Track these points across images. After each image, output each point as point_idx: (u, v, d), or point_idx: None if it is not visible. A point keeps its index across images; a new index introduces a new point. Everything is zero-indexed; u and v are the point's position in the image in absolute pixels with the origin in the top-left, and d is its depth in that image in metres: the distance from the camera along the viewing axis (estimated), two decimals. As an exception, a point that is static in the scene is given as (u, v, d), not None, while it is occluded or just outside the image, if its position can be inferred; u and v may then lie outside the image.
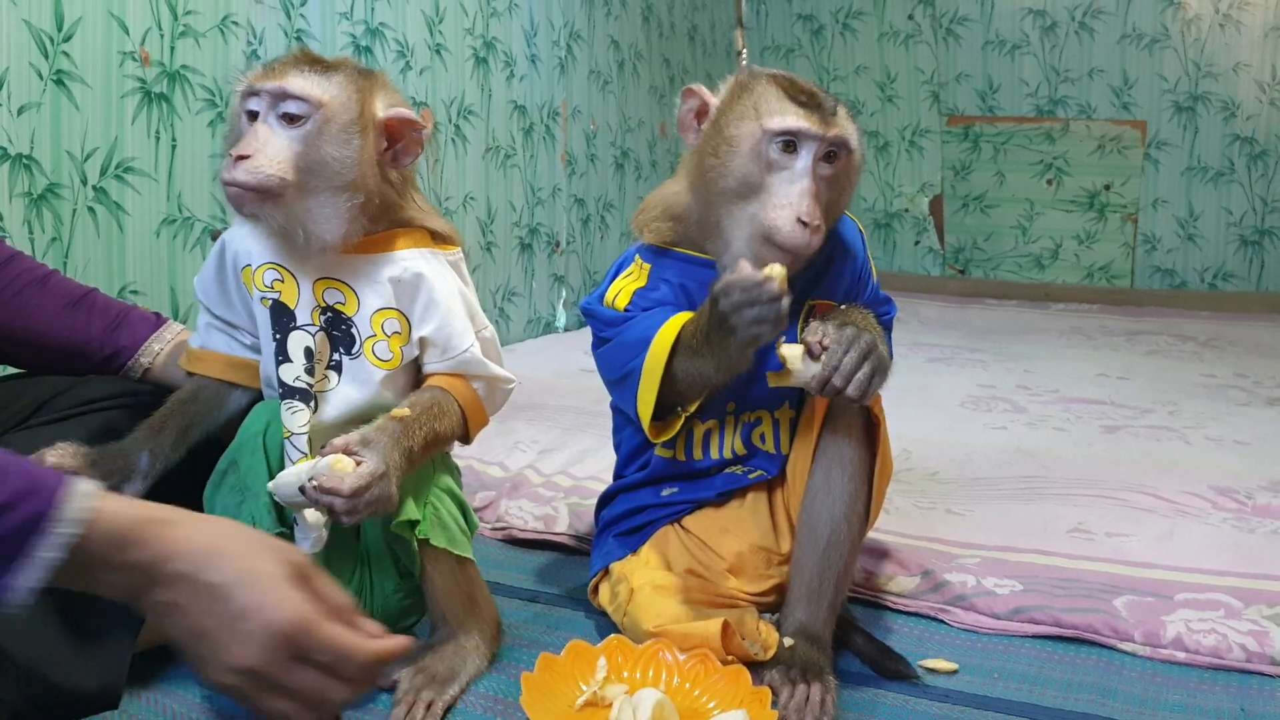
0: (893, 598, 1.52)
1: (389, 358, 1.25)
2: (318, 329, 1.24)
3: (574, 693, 1.20)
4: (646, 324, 1.29)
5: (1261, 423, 2.46)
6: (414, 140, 1.24)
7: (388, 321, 1.24)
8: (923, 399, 2.59)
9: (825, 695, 1.19)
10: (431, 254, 1.27)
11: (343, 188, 1.19)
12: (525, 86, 3.26)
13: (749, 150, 1.26)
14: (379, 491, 1.11)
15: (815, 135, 1.24)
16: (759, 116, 1.26)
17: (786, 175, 1.25)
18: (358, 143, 1.19)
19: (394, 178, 1.24)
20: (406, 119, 1.22)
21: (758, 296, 1.13)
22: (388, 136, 1.23)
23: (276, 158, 1.16)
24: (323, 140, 1.17)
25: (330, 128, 1.17)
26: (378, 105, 1.22)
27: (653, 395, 1.27)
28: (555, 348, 3.14)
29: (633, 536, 1.42)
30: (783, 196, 1.24)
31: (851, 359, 1.18)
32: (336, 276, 1.24)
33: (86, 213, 1.92)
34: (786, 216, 1.23)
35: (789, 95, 1.27)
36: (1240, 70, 4.06)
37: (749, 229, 1.26)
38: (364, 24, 2.59)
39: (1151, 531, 1.73)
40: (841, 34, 4.64)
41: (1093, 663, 1.36)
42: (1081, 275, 4.39)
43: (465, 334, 1.26)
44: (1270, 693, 1.28)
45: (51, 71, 1.84)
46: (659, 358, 1.26)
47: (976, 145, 4.48)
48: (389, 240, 1.25)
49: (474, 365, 1.27)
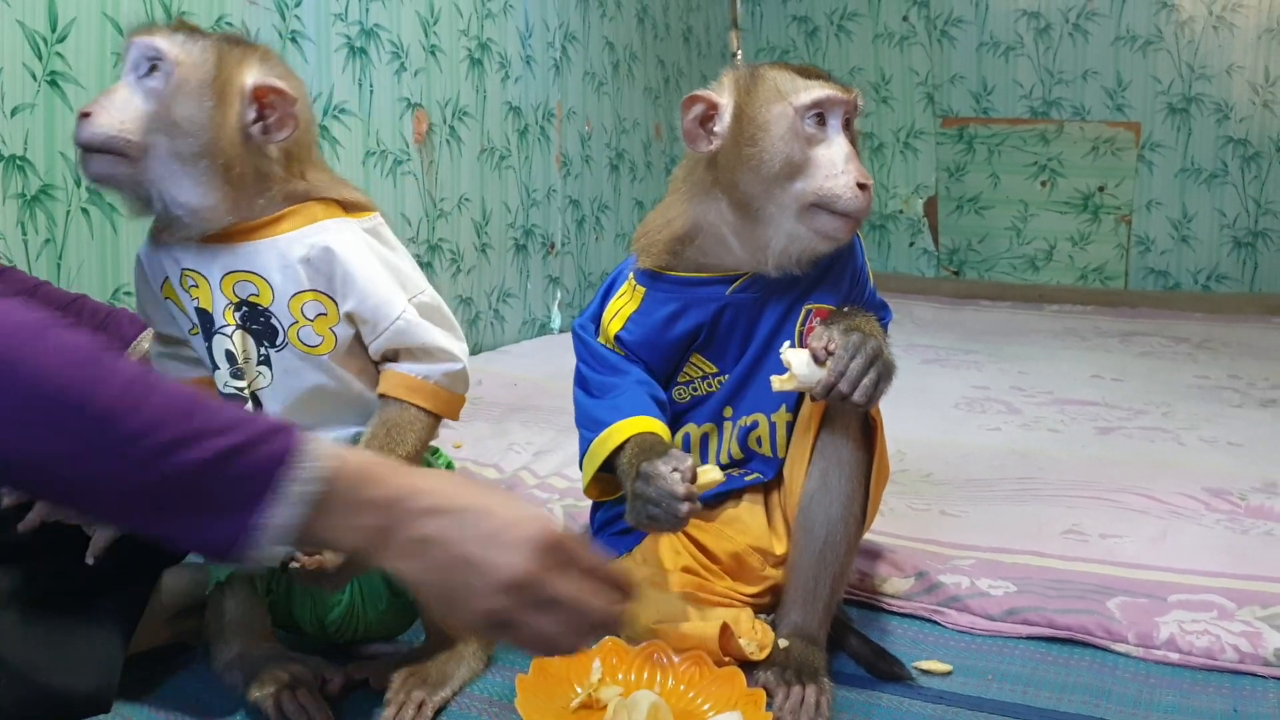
0: (887, 599, 1.52)
1: (317, 342, 1.18)
2: (234, 328, 1.18)
3: (569, 695, 1.20)
4: (611, 404, 1.32)
5: (1255, 424, 2.47)
6: (286, 113, 1.15)
7: (307, 305, 1.17)
8: (917, 400, 2.59)
9: (820, 697, 1.19)
10: (337, 224, 1.19)
11: (197, 153, 1.11)
12: (520, 88, 3.26)
13: (786, 130, 1.28)
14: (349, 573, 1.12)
15: (840, 100, 1.28)
16: (785, 96, 1.28)
17: (825, 145, 1.28)
18: (210, 105, 1.11)
19: (272, 151, 1.16)
20: (273, 88, 1.14)
21: (667, 506, 1.18)
22: (258, 107, 1.14)
23: (121, 115, 1.10)
24: (175, 100, 1.10)
25: (184, 87, 1.11)
26: (246, 73, 1.14)
27: (589, 478, 1.33)
28: (550, 349, 3.14)
29: (628, 537, 1.42)
30: (832, 165, 1.27)
31: (858, 364, 1.19)
32: (243, 268, 1.17)
33: (80, 214, 1.92)
34: (845, 183, 1.26)
35: (799, 74, 1.30)
36: (1233, 72, 4.07)
37: (799, 204, 1.27)
38: (359, 25, 2.59)
39: (1145, 533, 1.73)
40: (836, 35, 4.64)
41: (1086, 664, 1.36)
42: (1076, 277, 4.40)
43: (392, 302, 1.18)
44: (1263, 693, 1.28)
45: (45, 73, 1.84)
46: (601, 451, 1.29)
47: (971, 147, 4.48)
48: (287, 218, 1.18)
49: (409, 335, 1.18)
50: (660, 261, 1.37)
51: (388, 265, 1.20)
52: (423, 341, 1.19)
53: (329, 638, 1.31)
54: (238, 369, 1.19)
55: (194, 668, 1.28)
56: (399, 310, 1.17)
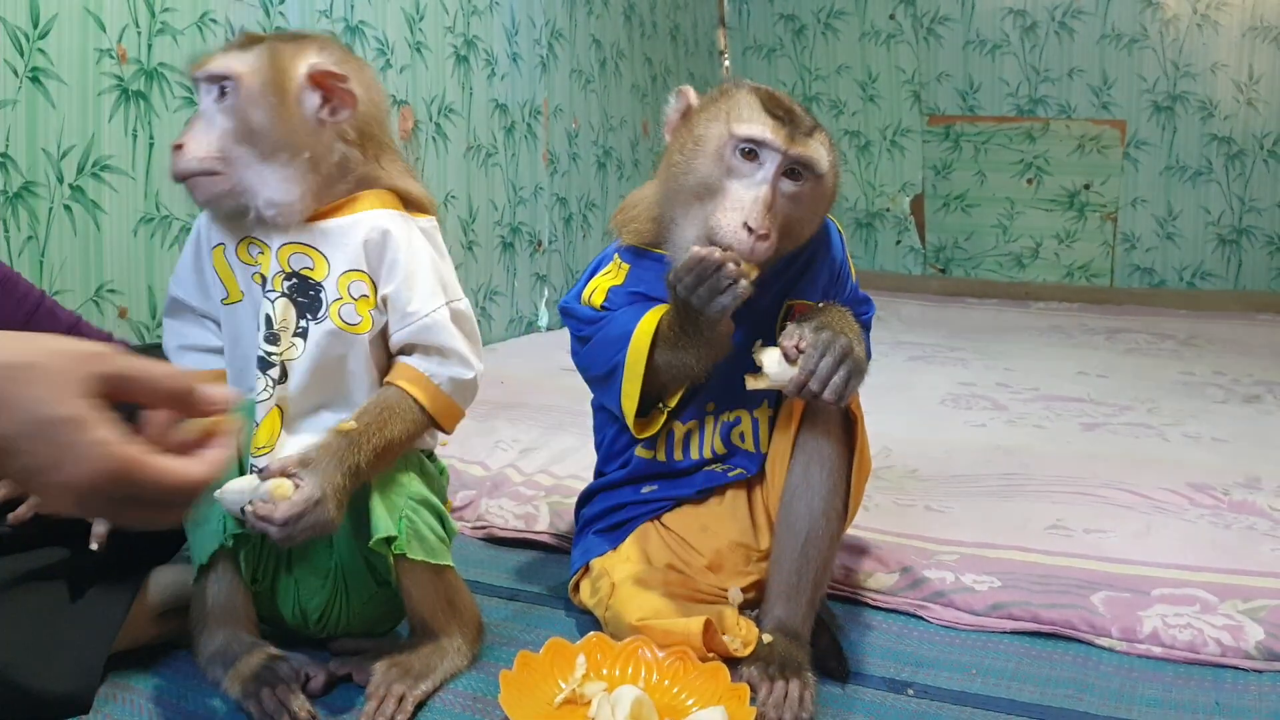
0: (871, 594, 1.52)
1: (356, 321, 1.22)
2: (279, 294, 1.22)
3: (553, 690, 1.20)
4: (625, 319, 1.30)
5: (1238, 420, 2.48)
6: (342, 92, 1.20)
7: (354, 284, 1.22)
8: (903, 397, 2.59)
9: (804, 691, 1.19)
10: (401, 216, 1.25)
11: (280, 150, 1.18)
12: (507, 85, 3.26)
13: (713, 152, 1.27)
14: (313, 519, 1.10)
15: (777, 148, 1.24)
16: (729, 121, 1.27)
17: (744, 182, 1.25)
18: (275, 103, 1.18)
19: (348, 134, 1.22)
20: (324, 70, 1.20)
21: (706, 270, 1.16)
22: (321, 91, 1.20)
23: (205, 139, 1.18)
24: (245, 110, 1.17)
25: (250, 94, 1.17)
26: (300, 63, 1.20)
27: (637, 389, 1.28)
28: (537, 347, 3.14)
29: (613, 533, 1.42)
30: (735, 201, 1.24)
31: (827, 363, 1.19)
32: (305, 241, 1.22)
33: (63, 211, 1.91)
34: (733, 220, 1.23)
35: (764, 106, 1.27)
36: (1218, 70, 4.09)
37: (698, 229, 1.26)
38: (344, 21, 2.58)
39: (1129, 528, 1.74)
40: (823, 34, 4.64)
41: (1070, 658, 1.36)
42: (1061, 274, 4.41)
43: (429, 298, 1.23)
44: (1244, 686, 1.29)
45: (27, 69, 1.83)
46: (640, 350, 1.27)
47: (957, 145, 4.49)
48: (355, 202, 1.23)
49: (433, 332, 1.22)
50: (643, 238, 1.37)
51: (435, 266, 1.25)
52: (442, 342, 1.23)
53: (311, 630, 1.30)
54: (273, 333, 1.22)
55: (177, 666, 1.28)
56: (433, 307, 1.22)
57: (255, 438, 1.22)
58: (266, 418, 1.22)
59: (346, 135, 1.22)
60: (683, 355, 1.25)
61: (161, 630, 1.31)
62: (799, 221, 1.29)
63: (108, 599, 1.21)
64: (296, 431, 1.22)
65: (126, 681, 1.23)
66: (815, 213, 1.31)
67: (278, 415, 1.22)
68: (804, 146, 1.26)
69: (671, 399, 1.33)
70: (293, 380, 1.22)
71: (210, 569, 1.22)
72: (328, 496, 1.11)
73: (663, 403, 1.33)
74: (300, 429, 1.22)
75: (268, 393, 1.22)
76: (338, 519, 1.13)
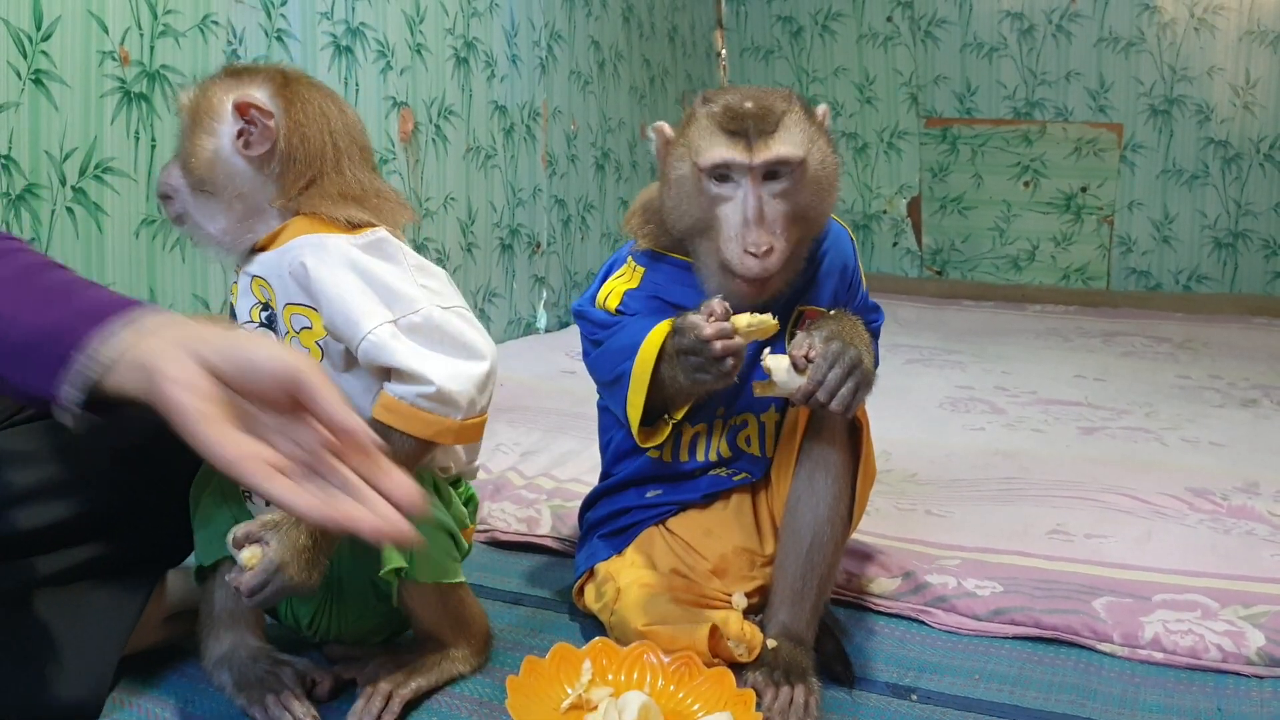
0: (874, 599, 1.53)
1: (304, 353, 1.17)
2: (256, 325, 1.22)
3: (559, 696, 1.20)
4: (636, 328, 1.30)
5: (1236, 424, 2.49)
6: (264, 128, 1.17)
7: (295, 317, 1.19)
8: (902, 400, 2.60)
9: (809, 697, 1.20)
10: (319, 238, 1.17)
11: (203, 181, 1.20)
12: (506, 87, 3.26)
13: (691, 190, 1.27)
14: (276, 586, 1.06)
15: (742, 165, 1.24)
16: (693, 154, 1.27)
17: (731, 206, 1.25)
18: (199, 133, 1.19)
19: (271, 169, 1.19)
20: (247, 102, 1.17)
21: (701, 350, 1.17)
22: (243, 124, 1.18)
23: (171, 165, 1.23)
24: (186, 139, 1.21)
25: (188, 124, 1.20)
26: (230, 94, 1.19)
27: (641, 399, 1.28)
28: (536, 349, 3.14)
29: (618, 538, 1.42)
30: (730, 229, 1.25)
31: (836, 375, 1.18)
32: (260, 274, 1.21)
33: (65, 213, 1.91)
34: (734, 250, 1.24)
35: (721, 126, 1.25)
36: (1214, 74, 4.10)
37: (714, 261, 1.28)
38: (344, 24, 2.58)
39: (1129, 533, 1.75)
40: (821, 35, 4.65)
41: (1072, 663, 1.37)
42: (1058, 277, 4.42)
43: (362, 320, 1.14)
44: (1245, 692, 1.30)
45: (30, 71, 1.83)
46: (647, 362, 1.26)
47: (954, 147, 4.50)
48: (283, 231, 1.20)
49: (380, 352, 1.14)
50: (658, 241, 1.37)
51: (372, 282, 1.16)
52: (391, 362, 1.14)
53: (304, 634, 1.31)
54: None
55: (185, 670, 1.28)
56: (367, 328, 1.14)
57: None
58: None
59: (268, 167, 1.19)
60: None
61: (170, 633, 1.31)
62: (804, 208, 1.28)
63: (120, 604, 1.21)
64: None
65: (135, 686, 1.23)
66: (816, 193, 1.29)
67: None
68: (766, 150, 1.24)
69: (678, 412, 1.33)
70: None
71: (216, 570, 1.23)
72: (287, 562, 1.06)
73: (669, 414, 1.33)
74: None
75: None
76: (311, 579, 1.08)
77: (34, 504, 1.17)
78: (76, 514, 1.18)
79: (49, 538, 1.16)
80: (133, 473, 1.22)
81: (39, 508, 1.16)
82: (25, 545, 1.15)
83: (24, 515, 1.15)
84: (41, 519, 1.16)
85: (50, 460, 1.17)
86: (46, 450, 1.17)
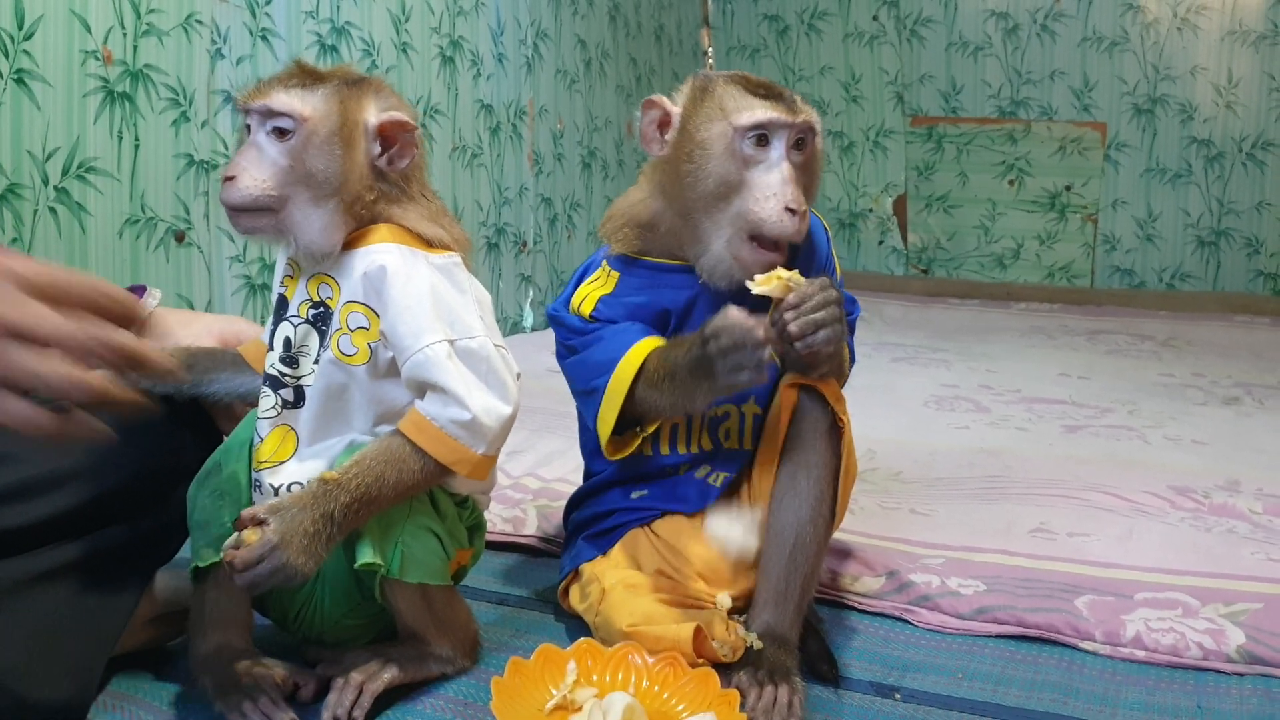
0: (858, 598, 1.53)
1: (353, 352, 1.21)
2: (301, 320, 1.23)
3: (544, 697, 1.20)
4: (614, 344, 1.31)
5: (1218, 422, 2.51)
6: (407, 142, 1.23)
7: (353, 315, 1.21)
8: (886, 399, 2.61)
9: (793, 697, 1.20)
10: (404, 250, 1.22)
11: (329, 196, 1.19)
12: (492, 86, 3.26)
13: (723, 150, 1.28)
14: (272, 564, 1.06)
15: (785, 123, 1.27)
16: (727, 115, 1.28)
17: (763, 167, 1.27)
18: (340, 152, 1.18)
19: (391, 179, 1.24)
20: (398, 121, 1.22)
21: (744, 343, 1.15)
22: (382, 141, 1.22)
23: (260, 176, 1.17)
24: (308, 153, 1.17)
25: (314, 140, 1.17)
26: (368, 112, 1.22)
27: (613, 416, 1.30)
28: (522, 348, 3.14)
29: (603, 539, 1.43)
30: (765, 188, 1.26)
31: (819, 299, 1.21)
32: (328, 272, 1.23)
33: (48, 213, 1.90)
34: (773, 206, 1.25)
35: (750, 90, 1.29)
36: (1197, 74, 4.13)
37: (732, 228, 1.28)
38: (330, 23, 2.57)
39: (1112, 531, 1.76)
40: (807, 34, 4.66)
41: (1055, 662, 1.38)
42: (1042, 275, 4.44)
43: (422, 334, 1.17)
44: (1226, 689, 1.31)
45: (12, 70, 1.82)
46: (623, 381, 1.28)
47: (940, 146, 4.52)
48: (368, 234, 1.23)
49: (427, 369, 1.16)
50: (632, 247, 1.38)
51: (440, 300, 1.19)
52: (436, 379, 1.16)
53: (289, 628, 1.31)
54: (290, 356, 1.23)
55: (170, 672, 1.28)
56: (426, 342, 1.16)
57: (258, 452, 1.23)
58: (271, 435, 1.23)
59: (389, 180, 1.23)
60: (659, 399, 1.26)
61: (158, 634, 1.31)
62: (809, 189, 1.32)
63: (108, 604, 1.20)
64: (306, 459, 1.22)
65: (120, 689, 1.23)
66: (817, 176, 1.35)
67: (289, 437, 1.23)
68: (804, 113, 1.29)
69: (650, 426, 1.33)
70: (305, 405, 1.23)
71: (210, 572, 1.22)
72: (287, 542, 1.07)
73: (640, 427, 1.33)
74: (309, 456, 1.22)
75: (275, 410, 1.23)
76: (306, 565, 1.09)
77: (15, 502, 1.16)
78: (60, 512, 1.17)
79: (33, 535, 1.16)
80: (117, 469, 1.22)
81: (21, 506, 1.16)
82: (8, 544, 1.14)
83: (6, 514, 1.14)
84: (24, 517, 1.16)
85: (31, 458, 1.16)
86: (26, 448, 1.17)
